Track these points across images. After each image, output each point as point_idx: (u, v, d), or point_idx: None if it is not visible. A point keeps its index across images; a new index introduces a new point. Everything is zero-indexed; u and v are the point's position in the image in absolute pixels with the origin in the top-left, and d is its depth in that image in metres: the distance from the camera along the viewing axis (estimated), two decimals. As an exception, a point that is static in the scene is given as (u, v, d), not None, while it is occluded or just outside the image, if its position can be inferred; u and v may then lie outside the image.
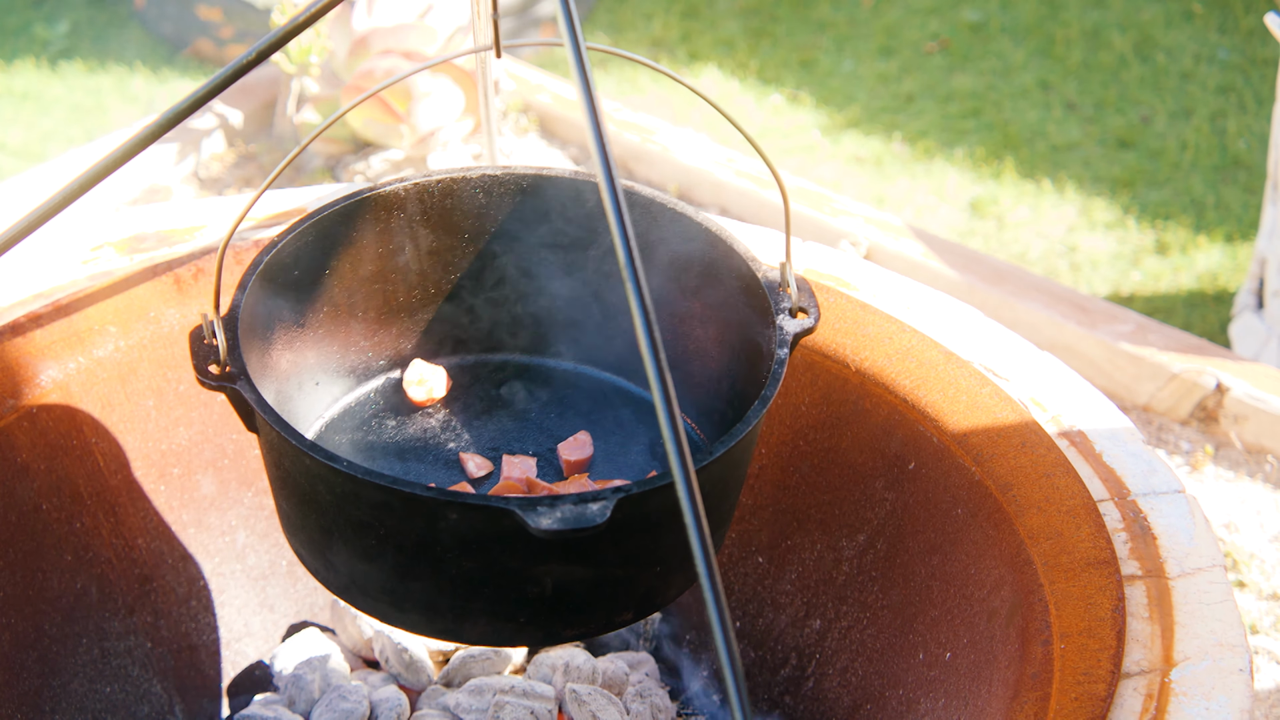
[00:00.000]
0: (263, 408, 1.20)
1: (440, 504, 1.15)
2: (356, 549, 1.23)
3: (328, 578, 1.30)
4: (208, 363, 1.24)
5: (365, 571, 1.24)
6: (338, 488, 1.19)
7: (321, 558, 1.28)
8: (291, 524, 1.31)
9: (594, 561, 1.22)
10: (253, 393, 1.22)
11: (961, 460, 1.46)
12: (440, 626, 1.27)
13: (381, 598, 1.26)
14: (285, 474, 1.25)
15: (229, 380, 1.23)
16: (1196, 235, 3.34)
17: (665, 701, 1.59)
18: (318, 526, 1.25)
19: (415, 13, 2.62)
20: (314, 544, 1.28)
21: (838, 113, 3.74)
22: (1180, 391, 2.20)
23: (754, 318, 1.40)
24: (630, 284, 0.97)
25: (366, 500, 1.18)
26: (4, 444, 1.47)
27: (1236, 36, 4.04)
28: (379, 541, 1.21)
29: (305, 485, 1.22)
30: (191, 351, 1.24)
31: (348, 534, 1.22)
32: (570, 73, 1.06)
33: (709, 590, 0.96)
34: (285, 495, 1.28)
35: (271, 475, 1.30)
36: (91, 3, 4.13)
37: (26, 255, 1.60)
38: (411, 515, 1.17)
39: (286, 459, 1.23)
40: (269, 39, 1.35)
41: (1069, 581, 1.32)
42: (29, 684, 1.47)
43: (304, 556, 1.32)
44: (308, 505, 1.24)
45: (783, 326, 1.36)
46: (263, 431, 1.26)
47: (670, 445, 0.98)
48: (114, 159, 1.40)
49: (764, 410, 1.27)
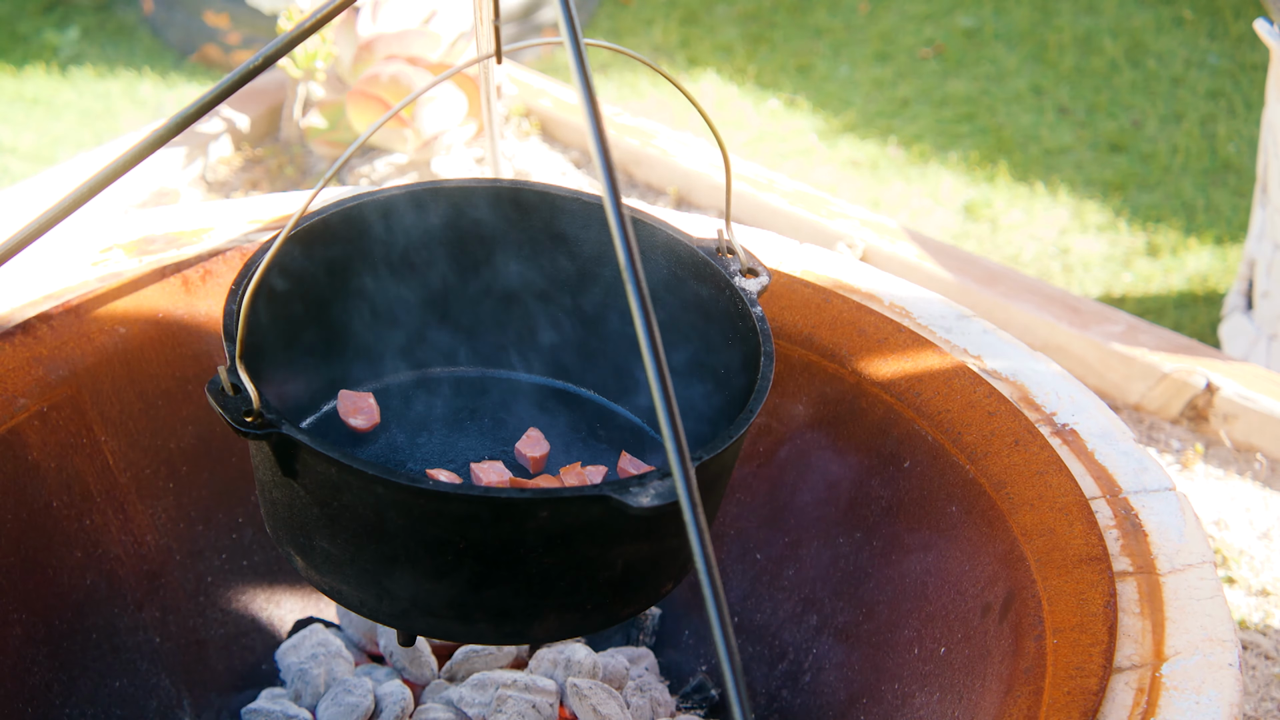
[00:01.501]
0: (320, 446, 1.15)
1: (533, 503, 1.13)
2: (426, 569, 1.19)
3: (378, 608, 1.24)
4: (242, 414, 1.17)
5: (432, 590, 1.21)
6: (417, 510, 1.15)
7: (374, 588, 1.23)
8: (332, 563, 1.24)
9: (661, 535, 1.21)
10: (301, 434, 1.16)
11: (956, 458, 1.46)
12: (508, 630, 1.25)
13: (447, 614, 1.23)
14: (338, 511, 1.19)
15: (272, 426, 1.17)
16: (1187, 237, 3.34)
17: (665, 695, 1.59)
18: (376, 557, 1.20)
19: (419, 19, 2.62)
20: (366, 576, 1.23)
21: (834, 117, 3.74)
22: (1171, 391, 2.20)
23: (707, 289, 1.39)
24: (631, 285, 0.97)
25: (450, 515, 1.15)
26: (15, 443, 1.47)
27: (1226, 42, 4.04)
28: (456, 556, 1.17)
29: (369, 516, 1.17)
30: (221, 406, 1.17)
31: (418, 556, 1.18)
32: (570, 74, 1.06)
33: (708, 586, 0.96)
34: (331, 534, 1.22)
35: (306, 518, 1.23)
36: (101, 9, 4.13)
37: (38, 257, 1.60)
38: (499, 521, 1.15)
39: (347, 493, 1.17)
40: (275, 45, 1.35)
41: (1062, 577, 1.32)
42: (40, 678, 1.47)
43: (343, 593, 1.26)
44: (365, 538, 1.20)
45: (745, 288, 1.36)
46: (310, 473, 1.19)
47: (669, 445, 0.98)
48: (123, 163, 1.40)
49: (771, 368, 1.27)
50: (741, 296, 1.36)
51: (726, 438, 1.21)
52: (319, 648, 1.59)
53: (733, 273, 1.38)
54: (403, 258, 1.46)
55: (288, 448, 1.19)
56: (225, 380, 1.18)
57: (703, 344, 1.42)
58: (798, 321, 1.61)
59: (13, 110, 3.76)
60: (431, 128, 2.55)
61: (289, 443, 1.18)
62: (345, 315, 1.45)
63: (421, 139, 2.56)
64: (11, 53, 3.97)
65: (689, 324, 1.43)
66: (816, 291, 1.62)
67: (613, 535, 1.17)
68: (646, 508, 1.10)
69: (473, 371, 1.55)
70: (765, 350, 1.30)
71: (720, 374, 1.41)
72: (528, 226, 1.47)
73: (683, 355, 1.44)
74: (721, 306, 1.39)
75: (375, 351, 1.49)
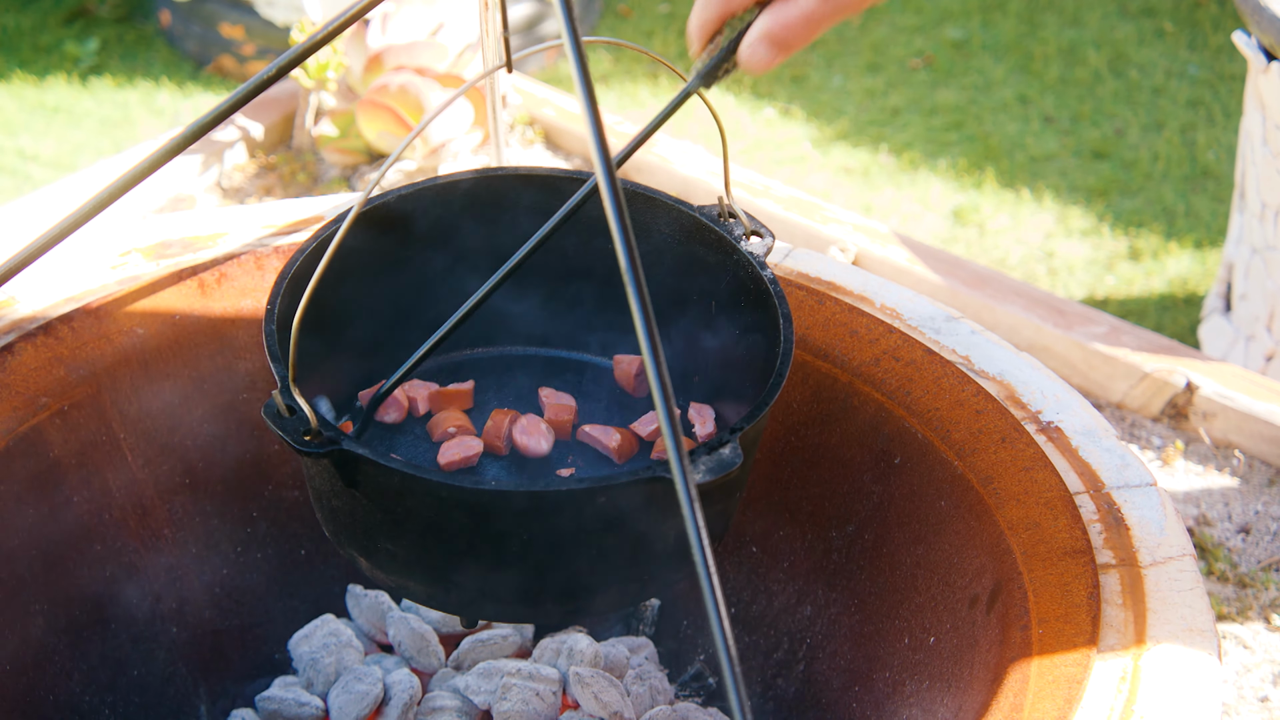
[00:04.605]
0: (381, 459, 1.15)
1: (591, 492, 1.13)
2: (491, 562, 1.19)
3: (446, 600, 1.24)
4: (301, 435, 1.15)
5: (498, 580, 1.21)
6: (480, 509, 1.15)
7: (442, 583, 1.23)
8: (397, 562, 1.24)
9: (709, 503, 1.21)
10: (362, 448, 1.15)
11: (945, 455, 1.46)
12: (572, 607, 1.25)
13: (514, 600, 1.23)
14: (402, 515, 1.19)
15: (333, 444, 1.15)
16: (1168, 242, 3.34)
17: (664, 684, 1.59)
18: (442, 554, 1.20)
19: (427, 31, 2.62)
20: (433, 572, 1.23)
21: (827, 126, 3.74)
22: (1152, 390, 2.20)
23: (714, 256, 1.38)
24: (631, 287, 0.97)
25: (512, 511, 1.14)
26: (37, 441, 1.47)
27: (1206, 53, 4.04)
28: (520, 547, 1.17)
29: (433, 518, 1.17)
30: (280, 429, 1.15)
31: (482, 550, 1.18)
32: (573, 84, 1.05)
33: (705, 580, 0.96)
34: (395, 536, 1.21)
35: (369, 523, 1.22)
36: (120, 21, 4.13)
37: (59, 261, 1.60)
38: (559, 512, 1.14)
39: (410, 499, 1.17)
40: (288, 56, 1.35)
41: (1047, 570, 1.32)
42: (60, 666, 1.47)
43: (410, 589, 1.26)
44: (430, 538, 1.19)
45: (751, 251, 1.35)
46: (372, 483, 1.18)
47: (669, 442, 0.98)
48: (141, 169, 1.40)
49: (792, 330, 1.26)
50: (750, 260, 1.35)
51: (762, 405, 1.20)
52: (330, 638, 1.59)
53: (737, 237, 1.37)
54: (412, 255, 1.45)
55: (349, 462, 1.17)
56: (280, 403, 1.17)
57: (713, 311, 1.41)
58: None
59: (35, 119, 3.76)
60: (439, 135, 2.55)
61: (350, 457, 1.16)
62: (350, 315, 1.44)
63: (429, 146, 2.56)
64: (34, 63, 3.97)
65: (699, 291, 1.42)
66: (810, 294, 1.62)
67: (666, 510, 1.16)
68: (701, 483, 1.10)
69: (494, 351, 1.54)
70: (783, 312, 1.28)
71: (735, 339, 1.40)
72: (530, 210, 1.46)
73: (693, 321, 1.43)
74: (730, 270, 1.38)
75: (386, 348, 1.49)
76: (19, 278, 1.51)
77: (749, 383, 1.36)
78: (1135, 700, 1.18)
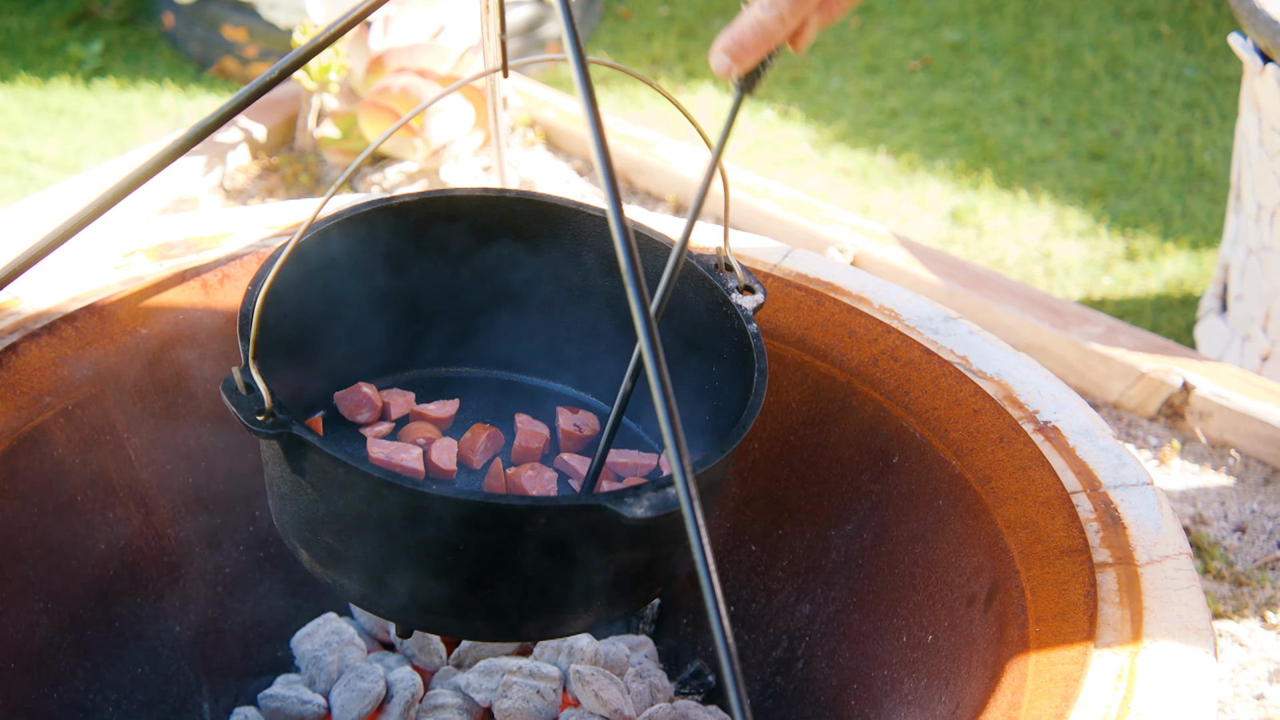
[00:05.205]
0: (327, 447, 1.15)
1: (531, 510, 1.12)
2: (425, 568, 1.19)
3: (378, 602, 1.24)
4: (254, 413, 1.16)
5: (430, 588, 1.20)
6: (418, 511, 1.14)
7: (375, 584, 1.22)
8: (335, 558, 1.24)
9: (652, 543, 1.20)
10: (311, 435, 1.16)
11: (943, 454, 1.46)
12: (501, 628, 1.24)
13: (444, 611, 1.22)
14: (343, 509, 1.19)
15: (283, 426, 1.16)
16: (1164, 243, 3.34)
17: (664, 681, 1.59)
18: (378, 554, 1.20)
19: (428, 33, 2.62)
20: (368, 572, 1.22)
21: (826, 127, 3.74)
22: (1148, 390, 2.20)
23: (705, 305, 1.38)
24: (631, 288, 0.97)
25: (450, 518, 1.14)
26: (41, 440, 1.47)
27: (1202, 56, 4.04)
28: (455, 557, 1.17)
29: (372, 515, 1.17)
30: (234, 405, 1.17)
31: (418, 555, 1.18)
32: (574, 87, 1.05)
33: (705, 578, 0.96)
34: (336, 531, 1.21)
35: (313, 514, 1.23)
36: (123, 24, 4.13)
37: (63, 261, 1.60)
38: (497, 525, 1.14)
39: (352, 493, 1.17)
40: (291, 58, 1.35)
41: (1044, 568, 1.32)
42: (64, 664, 1.47)
43: (345, 587, 1.25)
44: (368, 536, 1.19)
45: (741, 304, 1.36)
46: (318, 472, 1.19)
47: (673, 457, 0.98)
48: (145, 171, 1.40)
49: (764, 385, 1.26)
50: (738, 313, 1.35)
51: (719, 451, 1.20)
52: (332, 636, 1.59)
53: (730, 289, 1.37)
54: (406, 263, 1.45)
55: (297, 447, 1.18)
56: (239, 380, 1.18)
57: (698, 356, 1.42)
58: (791, 323, 1.61)
59: (39, 120, 3.76)
60: (440, 137, 2.55)
61: (298, 443, 1.17)
62: (353, 316, 1.45)
63: (430, 148, 2.56)
64: (38, 65, 3.97)
65: (685, 337, 1.43)
66: (809, 294, 1.62)
67: (606, 542, 1.16)
68: (638, 519, 1.09)
69: (477, 372, 1.54)
70: (759, 367, 1.29)
71: (714, 385, 1.41)
72: (533, 235, 1.47)
73: (677, 367, 1.43)
74: (718, 321, 1.38)
75: (381, 353, 1.49)
76: (24, 278, 1.51)
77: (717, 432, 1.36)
78: (1132, 698, 1.18)
